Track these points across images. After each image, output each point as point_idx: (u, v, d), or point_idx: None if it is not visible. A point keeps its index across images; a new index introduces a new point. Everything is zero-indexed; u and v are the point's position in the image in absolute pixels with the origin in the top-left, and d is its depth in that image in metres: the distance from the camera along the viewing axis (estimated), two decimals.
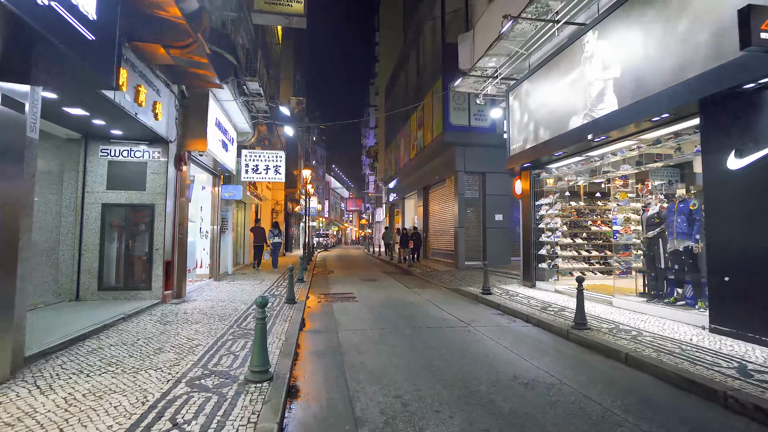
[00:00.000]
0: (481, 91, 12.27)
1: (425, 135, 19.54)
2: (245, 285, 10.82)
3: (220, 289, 9.99)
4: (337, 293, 10.34)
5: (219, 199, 11.65)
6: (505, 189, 17.03)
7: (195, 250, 9.99)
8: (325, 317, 7.43)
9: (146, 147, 7.75)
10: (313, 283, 12.31)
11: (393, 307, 8.45)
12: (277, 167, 12.75)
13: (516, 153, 10.68)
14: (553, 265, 9.96)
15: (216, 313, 6.97)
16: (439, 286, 11.81)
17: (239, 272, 14.19)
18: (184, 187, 8.46)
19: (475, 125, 16.65)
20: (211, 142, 8.97)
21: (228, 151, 10.85)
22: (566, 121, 8.39)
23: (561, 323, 6.33)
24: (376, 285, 12.05)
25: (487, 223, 16.85)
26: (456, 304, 8.91)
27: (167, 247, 7.82)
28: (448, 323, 6.89)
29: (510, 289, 10.17)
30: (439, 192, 20.29)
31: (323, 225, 56.93)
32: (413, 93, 22.96)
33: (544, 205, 10.44)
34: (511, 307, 7.83)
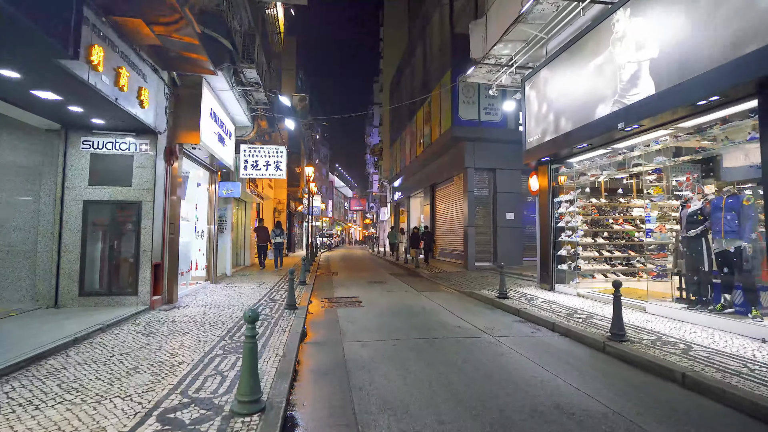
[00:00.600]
0: (494, 82, 11.56)
1: (432, 131, 18.82)
2: (244, 288, 10.15)
3: (216, 293, 9.32)
4: (342, 297, 9.66)
5: (216, 196, 11.00)
6: (516, 186, 16.32)
7: (189, 251, 9.33)
8: (329, 325, 6.74)
9: (133, 139, 7.09)
10: (316, 286, 11.63)
11: (403, 313, 7.75)
12: (278, 163, 12.07)
13: (533, 147, 9.95)
14: (574, 267, 9.23)
15: (208, 321, 6.29)
16: (450, 288, 11.09)
17: (239, 274, 13.53)
18: (175, 183, 7.80)
19: (485, 120, 15.91)
20: (205, 135, 8.30)
21: (225, 146, 10.18)
22: (591, 109, 7.66)
23: (594, 334, 5.61)
24: (383, 288, 11.36)
25: (498, 222, 16.11)
26: (471, 309, 8.20)
27: (156, 248, 7.15)
28: (467, 332, 6.18)
29: (528, 293, 9.45)
30: (446, 190, 19.56)
31: (327, 225, 56.28)
32: (419, 88, 22.24)
33: (564, 203, 9.70)
34: (533, 313, 7.11)
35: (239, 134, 11.75)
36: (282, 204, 24.67)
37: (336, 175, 69.26)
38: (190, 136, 7.88)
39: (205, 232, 10.64)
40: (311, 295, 9.74)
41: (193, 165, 9.65)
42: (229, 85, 8.72)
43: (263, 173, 12.03)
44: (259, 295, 9.11)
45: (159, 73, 7.07)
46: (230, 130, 10.76)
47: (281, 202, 24.60)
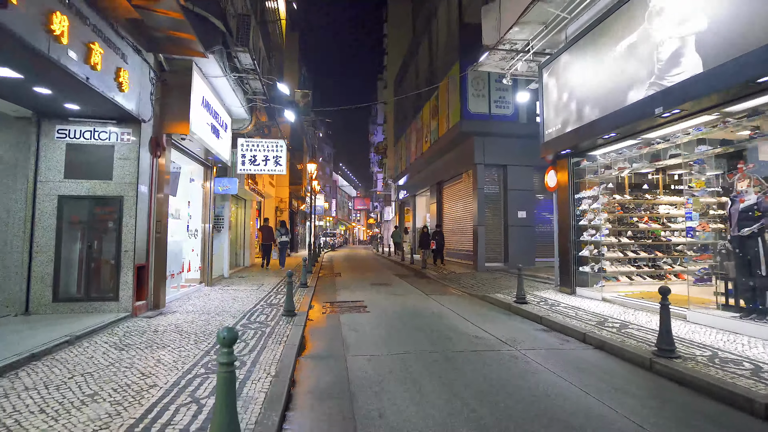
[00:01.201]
0: (508, 70, 10.80)
1: (440, 126, 18.07)
2: (240, 291, 9.46)
3: (209, 296, 8.63)
4: (346, 301, 8.94)
5: (211, 193, 10.31)
6: (528, 183, 15.55)
7: (181, 252, 8.65)
8: (331, 335, 6.02)
9: (114, 127, 6.40)
10: (318, 289, 10.93)
11: (412, 320, 7.02)
12: (278, 158, 11.38)
13: (552, 138, 9.19)
14: (599, 269, 8.46)
15: (194, 330, 5.59)
16: (461, 291, 10.35)
17: (237, 275, 12.86)
18: (162, 177, 7.11)
19: (496, 113, 15.15)
20: (196, 125, 7.61)
21: (220, 138, 9.49)
22: (622, 95, 6.90)
23: (636, 348, 4.85)
24: (389, 291, 10.63)
25: (509, 220, 15.34)
26: (487, 315, 7.46)
27: (140, 248, 6.46)
28: (487, 344, 5.45)
29: (547, 297, 8.70)
30: (454, 188, 18.81)
31: (330, 224, 55.66)
32: (425, 83, 21.49)
33: (586, 199, 8.94)
34: (557, 321, 6.37)
35: (236, 127, 11.06)
36: (284, 202, 24.00)
37: (340, 174, 68.65)
38: (179, 126, 7.19)
39: (199, 231, 9.95)
40: (312, 299, 9.03)
41: (185, 159, 8.97)
42: (222, 71, 8.02)
43: (262, 169, 11.34)
44: (256, 299, 8.41)
45: (142, 55, 6.38)
46: (226, 122, 10.07)
47: (283, 201, 23.94)
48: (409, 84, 26.35)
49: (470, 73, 14.97)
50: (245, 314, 6.85)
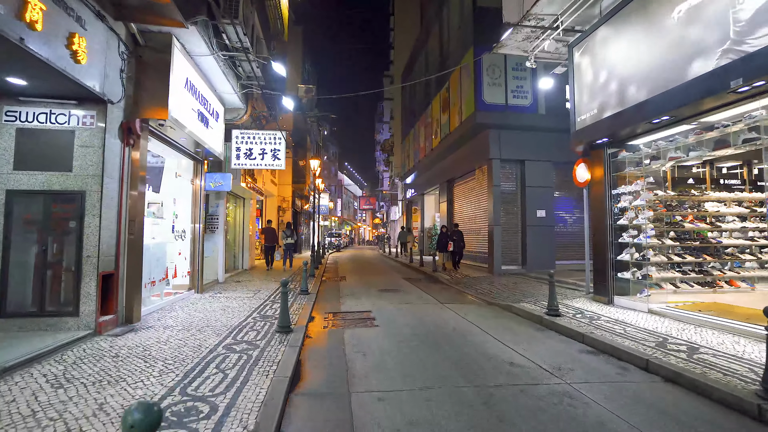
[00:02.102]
0: (531, 52, 9.67)
1: (451, 118, 16.95)
2: (233, 299, 8.43)
3: (196, 306, 7.60)
4: (351, 312, 7.87)
5: (202, 190, 9.28)
6: (548, 180, 14.40)
7: (164, 256, 7.63)
8: (333, 359, 4.95)
9: (75, 109, 5.37)
10: (321, 295, 9.87)
11: (430, 338, 5.93)
12: (276, 151, 10.34)
13: (586, 126, 8.05)
14: (643, 276, 7.33)
15: (165, 355, 4.55)
16: (480, 299, 9.24)
17: (233, 279, 11.83)
18: (137, 170, 6.08)
19: (513, 104, 14.00)
20: (178, 110, 6.58)
21: (210, 128, 8.46)
22: (680, 69, 5.77)
23: (729, 385, 3.73)
24: (399, 298, 9.55)
25: (528, 220, 14.20)
26: (517, 331, 6.36)
27: (106, 252, 5.43)
28: (529, 375, 4.34)
29: (581, 308, 7.57)
30: (467, 185, 17.68)
31: (335, 224, 54.67)
32: (435, 73, 20.37)
33: (626, 195, 7.80)
34: (606, 341, 5.25)
35: (230, 117, 10.03)
36: (287, 202, 23.01)
37: (345, 174, 67.67)
38: (157, 110, 6.15)
39: (187, 232, 8.93)
40: (313, 309, 7.98)
41: (170, 151, 7.95)
42: (208, 49, 6.98)
43: (258, 163, 10.30)
44: (249, 310, 7.36)
45: (107, 22, 5.34)
46: (217, 111, 9.04)
47: (286, 200, 22.95)
48: (419, 76, 25.24)
49: (485, 60, 13.87)
50: (232, 330, 5.80)
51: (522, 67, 14.12)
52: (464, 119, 15.12)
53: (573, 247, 14.91)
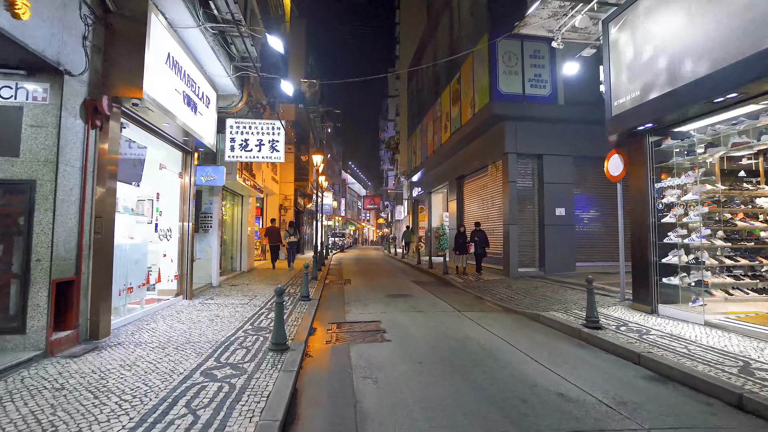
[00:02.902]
0: (558, 31, 8.69)
1: (463, 111, 15.96)
2: (225, 307, 7.50)
3: (182, 315, 6.67)
4: (357, 323, 6.91)
5: (192, 185, 8.36)
6: (567, 175, 13.40)
7: (145, 258, 6.69)
8: (336, 389, 3.99)
9: (23, 81, 4.44)
10: (323, 302, 8.92)
11: (454, 357, 4.97)
12: (274, 143, 9.40)
13: (625, 111, 7.04)
14: (696, 282, 6.32)
15: (125, 386, 3.60)
16: (500, 306, 8.26)
17: (229, 283, 10.91)
18: (106, 157, 5.15)
19: (530, 93, 13.00)
20: (157, 89, 5.65)
21: (199, 115, 7.53)
22: (754, 36, 4.77)
23: None
24: (411, 304, 8.59)
25: (546, 219, 13.18)
26: (553, 347, 5.38)
27: (62, 256, 4.50)
28: (587, 413, 3.36)
29: (621, 318, 6.58)
30: (479, 182, 16.69)
31: (339, 224, 53.78)
32: (445, 65, 19.39)
33: (672, 189, 6.80)
34: (673, 365, 4.26)
35: (224, 105, 9.10)
36: (289, 200, 22.10)
37: (349, 173, 66.79)
38: (130, 88, 5.23)
39: (173, 232, 8.00)
40: (314, 318, 7.03)
41: (153, 140, 7.03)
42: (194, 20, 6.04)
43: (255, 155, 9.36)
44: (241, 320, 6.43)
45: None
46: (208, 96, 8.12)
47: (288, 198, 22.04)
48: (426, 70, 24.26)
49: (501, 47, 12.87)
50: (218, 347, 4.86)
51: (540, 54, 13.15)
52: (477, 111, 14.13)
53: (594, 247, 13.92)
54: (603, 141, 13.39)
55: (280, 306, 4.92)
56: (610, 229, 14.08)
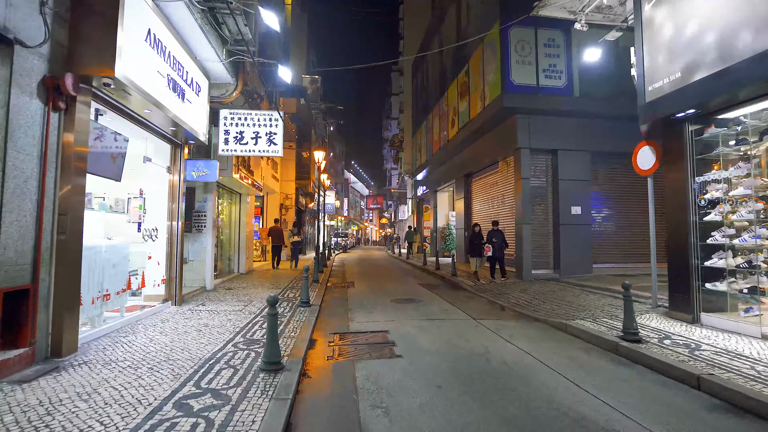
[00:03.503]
0: (581, 12, 7.94)
1: (472, 105, 15.20)
2: (217, 314, 6.79)
3: (166, 325, 5.96)
4: (362, 333, 6.18)
5: (182, 181, 7.65)
6: (583, 172, 12.64)
7: (124, 261, 5.98)
8: (340, 422, 3.27)
9: None
10: (325, 308, 8.20)
11: (476, 378, 4.23)
12: (272, 135, 8.68)
13: (663, 95, 6.28)
14: (750, 288, 5.55)
15: (73, 425, 2.88)
16: (518, 312, 7.51)
17: (225, 286, 10.20)
18: (72, 146, 4.43)
19: (545, 85, 12.23)
20: (135, 69, 4.95)
21: (187, 102, 6.83)
22: None
23: None
24: (421, 311, 7.85)
25: (561, 218, 12.42)
26: (589, 365, 4.64)
27: (12, 260, 3.79)
28: None
29: (661, 328, 5.83)
30: (487, 180, 15.93)
31: (342, 224, 53.09)
32: (452, 57, 18.65)
33: (716, 183, 6.05)
34: (749, 393, 3.51)
35: (217, 94, 8.40)
36: (290, 199, 21.40)
37: (351, 173, 66.10)
38: (99, 66, 4.52)
39: (161, 231, 7.30)
40: (315, 328, 6.31)
41: (137, 130, 6.33)
42: None
43: (251, 149, 8.65)
44: (232, 330, 5.71)
45: None
46: (199, 82, 7.41)
47: (289, 197, 21.34)
48: (433, 63, 23.52)
49: (513, 36, 12.13)
50: (201, 367, 4.14)
51: (555, 42, 12.39)
52: (488, 104, 13.37)
53: (611, 248, 13.15)
54: (621, 136, 12.67)
55: (273, 319, 4.20)
56: (629, 229, 13.32)
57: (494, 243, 11.33)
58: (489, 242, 11.43)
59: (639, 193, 13.39)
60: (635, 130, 7.26)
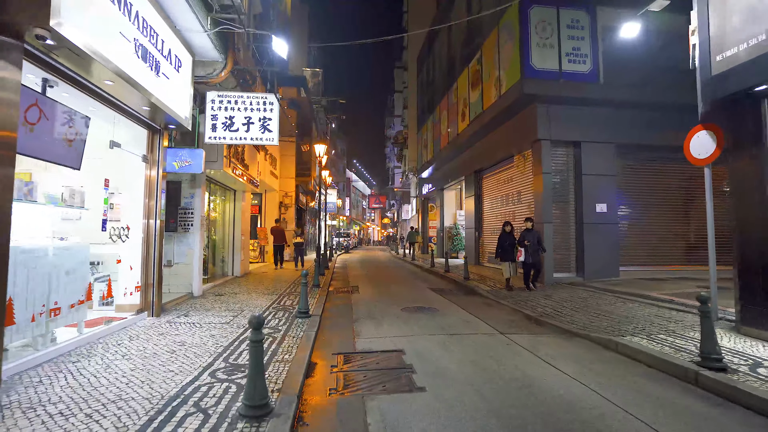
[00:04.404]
0: None
1: (485, 94, 14.10)
2: (199, 328, 5.72)
3: (133, 344, 4.89)
4: (372, 353, 5.10)
5: (161, 172, 6.59)
6: (609, 166, 11.57)
7: (82, 266, 4.90)
8: None
9: None
10: (326, 320, 7.12)
11: (526, 424, 3.15)
12: (266, 121, 7.61)
13: (739, 65, 5.16)
14: None
15: None
16: (550, 325, 6.41)
17: (215, 291, 9.15)
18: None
19: (568, 70, 11.13)
20: (88, 27, 3.89)
21: (163, 77, 5.76)
22: None
23: None
24: (439, 323, 6.77)
25: (585, 216, 11.33)
26: (667, 402, 3.56)
27: None
28: None
29: (740, 350, 4.75)
30: (501, 176, 14.83)
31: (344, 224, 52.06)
32: (463, 45, 17.57)
33: None
34: None
35: (203, 73, 7.34)
36: (289, 197, 20.34)
37: (353, 172, 65.05)
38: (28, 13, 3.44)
39: (134, 230, 6.23)
40: (314, 345, 5.25)
41: (104, 110, 5.28)
42: None
43: (242, 136, 7.57)
44: (212, 352, 4.64)
45: None
46: (180, 57, 6.34)
47: (288, 195, 20.28)
48: (440, 55, 22.45)
49: (534, 16, 11.06)
50: (159, 411, 3.08)
51: (579, 23, 11.31)
52: (504, 92, 12.27)
53: (640, 249, 12.05)
54: (649, 126, 11.59)
55: (257, 349, 3.14)
56: (658, 228, 12.22)
57: (526, 246, 9.65)
58: (521, 244, 9.77)
59: (669, 189, 12.30)
60: (665, 120, 6.20)
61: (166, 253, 8.62)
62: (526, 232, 9.87)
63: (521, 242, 9.80)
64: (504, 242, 10.09)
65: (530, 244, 9.65)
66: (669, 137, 11.80)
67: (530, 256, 9.66)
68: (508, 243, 10.01)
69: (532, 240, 9.74)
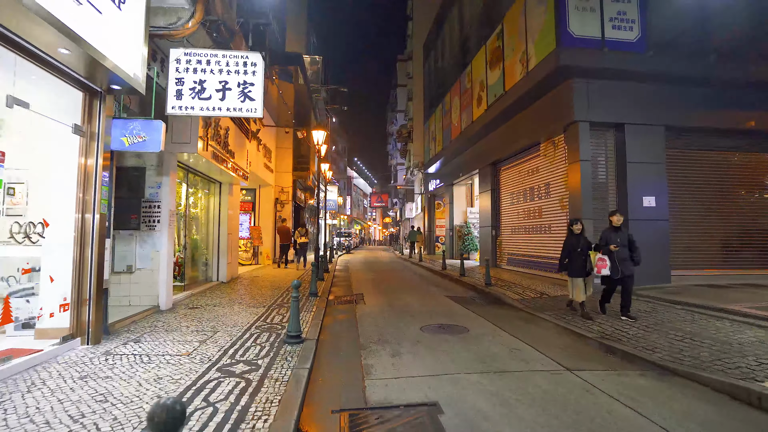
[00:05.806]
0: None
1: (507, 73, 12.33)
2: (148, 364, 4.01)
3: (18, 405, 3.17)
4: (391, 408, 3.36)
5: (100, 150, 4.87)
6: (658, 153, 9.86)
7: None
8: None
9: None
10: (324, 347, 5.39)
11: None
12: (246, 86, 5.87)
13: None
14: None
15: None
16: (625, 353, 4.67)
17: (190, 303, 7.42)
18: None
19: (612, 38, 9.39)
20: None
21: (94, 11, 4.06)
22: None
23: None
24: (475, 353, 5.03)
25: (630, 212, 9.59)
26: None
27: None
28: None
29: None
30: (525, 167, 13.08)
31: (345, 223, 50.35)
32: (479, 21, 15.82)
33: None
34: None
35: (164, 23, 5.63)
36: (286, 193, 18.60)
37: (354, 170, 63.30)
38: None
39: (57, 228, 4.51)
40: (306, 392, 3.53)
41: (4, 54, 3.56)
42: None
43: (215, 105, 5.82)
44: (135, 427, 2.91)
45: None
46: None
47: (285, 191, 18.54)
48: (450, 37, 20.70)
49: None
50: None
51: None
52: (534, 67, 10.52)
53: (690, 250, 10.29)
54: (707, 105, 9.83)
55: None
56: (716, 226, 10.45)
57: (612, 252, 6.32)
58: (605, 251, 6.39)
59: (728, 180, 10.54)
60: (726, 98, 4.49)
61: (125, 256, 6.93)
62: (611, 232, 6.48)
63: (603, 247, 6.42)
64: (574, 247, 6.73)
65: (618, 249, 6.30)
66: (730, 118, 10.10)
67: (618, 268, 6.30)
68: (581, 249, 6.69)
69: (626, 245, 6.37)
